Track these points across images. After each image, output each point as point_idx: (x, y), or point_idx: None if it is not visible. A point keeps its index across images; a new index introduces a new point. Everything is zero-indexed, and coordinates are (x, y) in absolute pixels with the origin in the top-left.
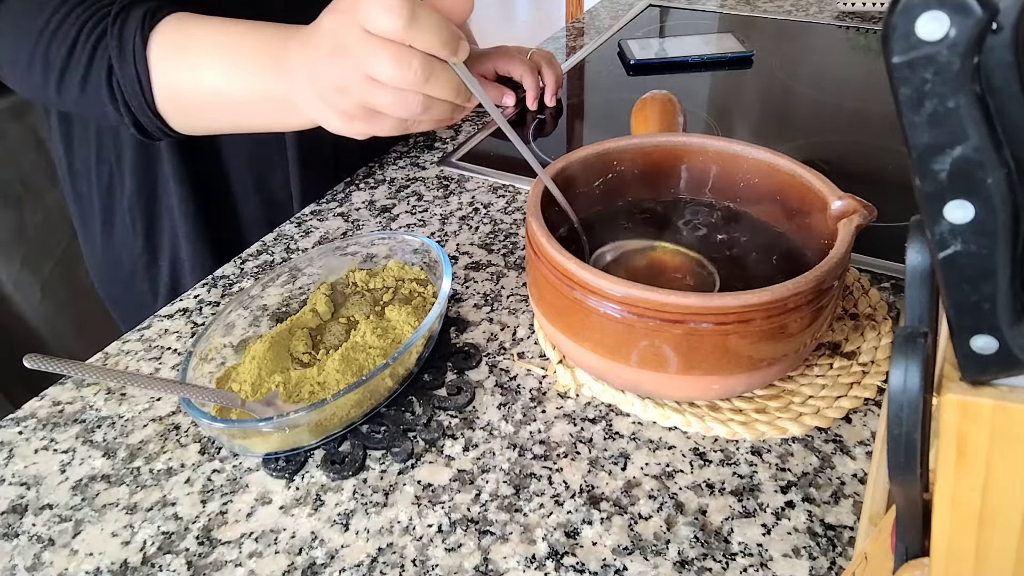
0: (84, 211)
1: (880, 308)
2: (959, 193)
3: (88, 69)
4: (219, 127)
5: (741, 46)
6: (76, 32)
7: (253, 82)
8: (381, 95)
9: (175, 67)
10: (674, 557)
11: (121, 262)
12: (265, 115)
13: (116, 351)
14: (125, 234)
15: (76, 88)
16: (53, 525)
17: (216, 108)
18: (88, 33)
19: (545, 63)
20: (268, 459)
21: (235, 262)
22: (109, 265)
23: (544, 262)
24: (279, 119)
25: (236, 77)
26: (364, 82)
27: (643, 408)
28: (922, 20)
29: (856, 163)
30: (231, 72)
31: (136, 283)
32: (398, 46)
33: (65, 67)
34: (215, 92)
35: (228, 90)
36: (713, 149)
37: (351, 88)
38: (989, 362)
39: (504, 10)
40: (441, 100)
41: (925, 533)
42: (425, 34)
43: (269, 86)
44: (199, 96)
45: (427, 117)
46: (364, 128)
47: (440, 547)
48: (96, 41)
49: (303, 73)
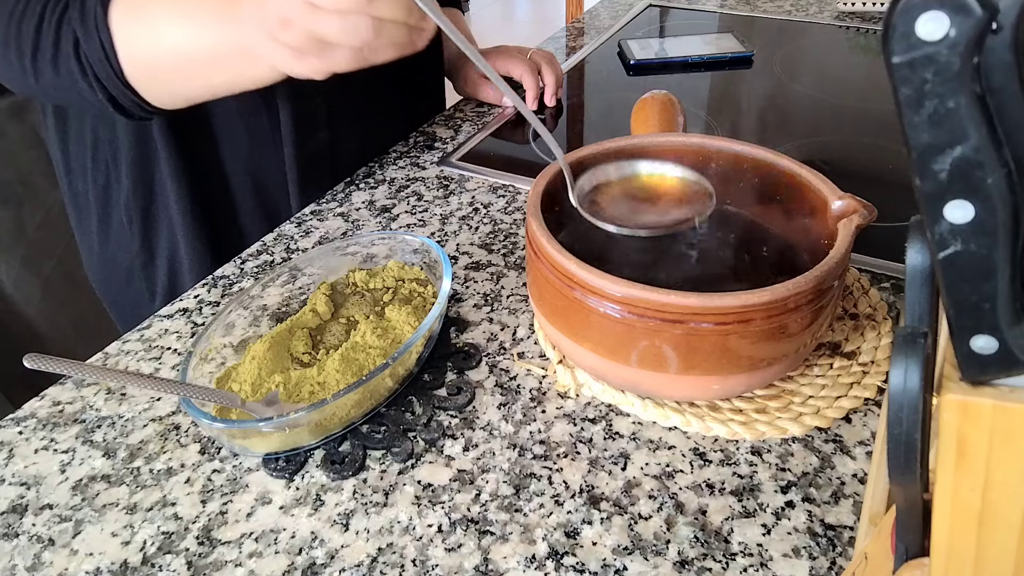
0: (81, 210)
1: (880, 308)
2: (959, 193)
3: (56, 46)
4: (189, 92)
5: (741, 46)
6: (41, 9)
7: (209, 34)
8: (325, 22)
9: (135, 30)
10: (674, 557)
11: (118, 262)
12: (228, 69)
13: (116, 351)
14: (122, 234)
15: (49, 68)
16: (53, 525)
17: (179, 68)
18: (52, 10)
19: (545, 63)
20: (268, 459)
21: (235, 262)
22: (106, 265)
23: (544, 262)
24: (243, 71)
25: (193, 31)
26: (306, 10)
27: (643, 408)
28: (922, 20)
29: (856, 163)
30: (188, 27)
31: (133, 283)
32: None
33: (36, 47)
34: (175, 50)
35: (187, 46)
36: (713, 149)
37: (294, 18)
38: (989, 362)
39: (504, 10)
40: (392, 21)
41: (925, 533)
42: None
43: (225, 36)
44: (161, 58)
45: (381, 42)
46: (318, 63)
47: (440, 547)
48: (60, 16)
49: (253, 16)
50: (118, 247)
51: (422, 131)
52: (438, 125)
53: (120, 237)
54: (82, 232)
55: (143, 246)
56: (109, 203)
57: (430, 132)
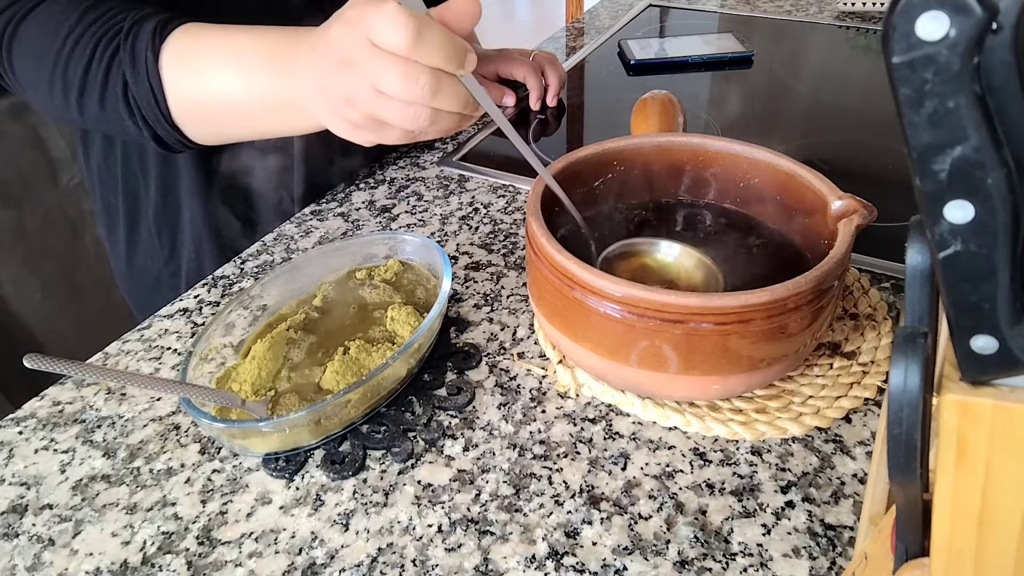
0: (111, 221)
1: (880, 308)
2: (959, 193)
3: (104, 87)
4: (234, 135)
5: (741, 46)
6: (91, 51)
7: (262, 87)
8: (389, 108)
9: (186, 77)
10: (674, 557)
11: (146, 270)
12: (276, 120)
13: (116, 351)
14: (150, 244)
15: (95, 106)
16: (53, 525)
17: (228, 115)
18: (103, 51)
19: (548, 64)
20: (268, 459)
21: (235, 262)
22: (135, 273)
23: (544, 262)
24: (289, 123)
25: (245, 83)
26: (372, 95)
27: (643, 408)
28: (922, 20)
29: (856, 163)
30: (240, 79)
31: (161, 291)
32: (406, 61)
33: (83, 87)
34: (225, 99)
35: (238, 96)
36: (713, 149)
37: (359, 100)
38: (989, 362)
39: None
40: (448, 112)
41: (925, 533)
42: (432, 50)
43: (278, 90)
44: (211, 104)
45: (434, 129)
46: (370, 136)
47: (440, 547)
48: (110, 58)
49: (311, 78)
50: (146, 257)
51: None
52: None
53: (148, 247)
54: (112, 242)
55: (170, 256)
56: (138, 214)
57: None
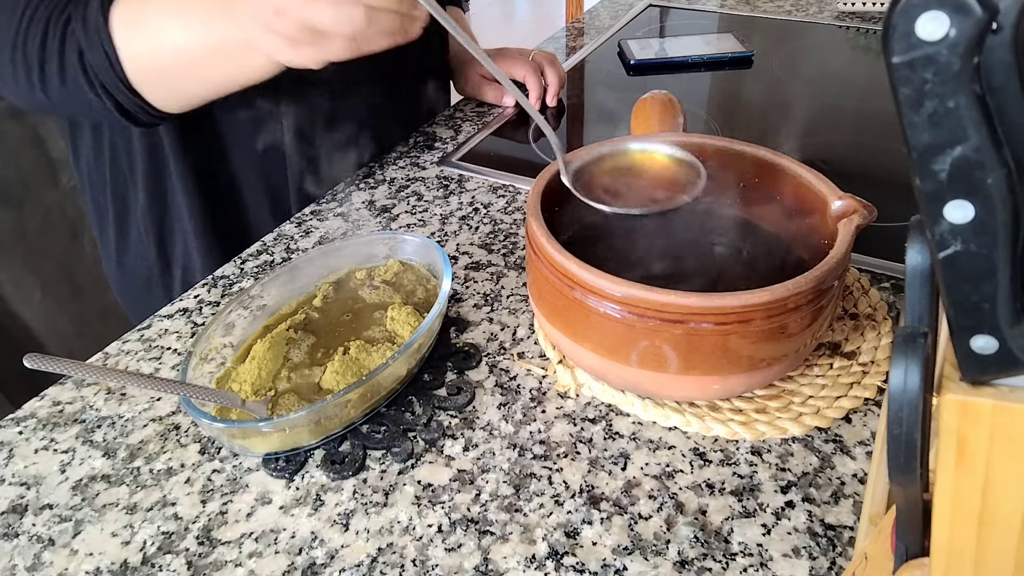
0: (101, 220)
1: (880, 308)
2: (959, 193)
3: (62, 57)
4: (192, 90)
5: (741, 46)
6: (44, 25)
7: (206, 30)
8: (318, 10)
9: (135, 33)
10: (674, 557)
11: (137, 270)
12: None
13: (116, 351)
14: (139, 243)
15: (56, 80)
16: (53, 525)
17: (179, 66)
18: (55, 23)
19: (548, 64)
20: (268, 459)
21: (235, 262)
22: (126, 272)
23: (544, 262)
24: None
25: (190, 28)
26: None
27: (643, 408)
28: (922, 20)
29: (856, 163)
30: (184, 24)
31: (152, 290)
32: None
33: (42, 61)
34: (173, 48)
35: (184, 43)
36: (713, 149)
37: (288, 7)
38: (989, 362)
39: (504, 10)
40: (384, 9)
41: (925, 533)
42: None
43: (221, 31)
44: (163, 59)
45: (374, 30)
46: (313, 52)
47: (440, 547)
48: (63, 28)
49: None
50: (136, 256)
51: (422, 131)
52: (438, 125)
53: (138, 246)
54: (103, 241)
55: (159, 255)
56: (127, 214)
57: (430, 132)
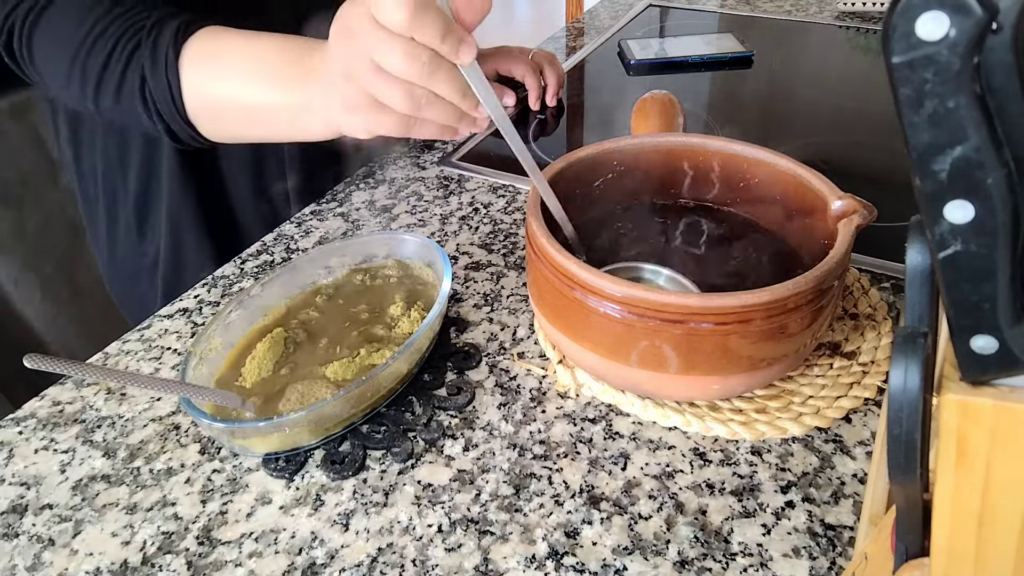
0: (92, 214)
1: (880, 308)
2: (959, 193)
3: (122, 80)
4: (247, 135)
5: (741, 46)
6: (112, 45)
7: (275, 91)
8: (387, 85)
9: (205, 78)
10: (674, 557)
11: (126, 264)
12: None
13: (116, 351)
14: (129, 236)
15: (111, 98)
16: (53, 525)
17: (243, 118)
18: (123, 47)
19: (547, 63)
20: (268, 459)
21: (235, 262)
22: (115, 265)
23: (544, 262)
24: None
25: (260, 85)
26: (371, 69)
27: (643, 408)
28: (922, 20)
29: (856, 163)
30: (256, 80)
31: (141, 284)
32: (408, 40)
33: (100, 80)
34: (243, 104)
35: (251, 98)
36: (713, 149)
37: (358, 74)
38: (989, 362)
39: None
40: (446, 100)
41: (925, 533)
42: (428, 30)
43: (292, 96)
44: (227, 107)
45: (430, 115)
46: (366, 121)
47: (440, 547)
48: (130, 53)
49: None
50: (126, 250)
51: None
52: None
53: (127, 240)
54: (94, 234)
55: (148, 249)
56: (116, 207)
57: None
